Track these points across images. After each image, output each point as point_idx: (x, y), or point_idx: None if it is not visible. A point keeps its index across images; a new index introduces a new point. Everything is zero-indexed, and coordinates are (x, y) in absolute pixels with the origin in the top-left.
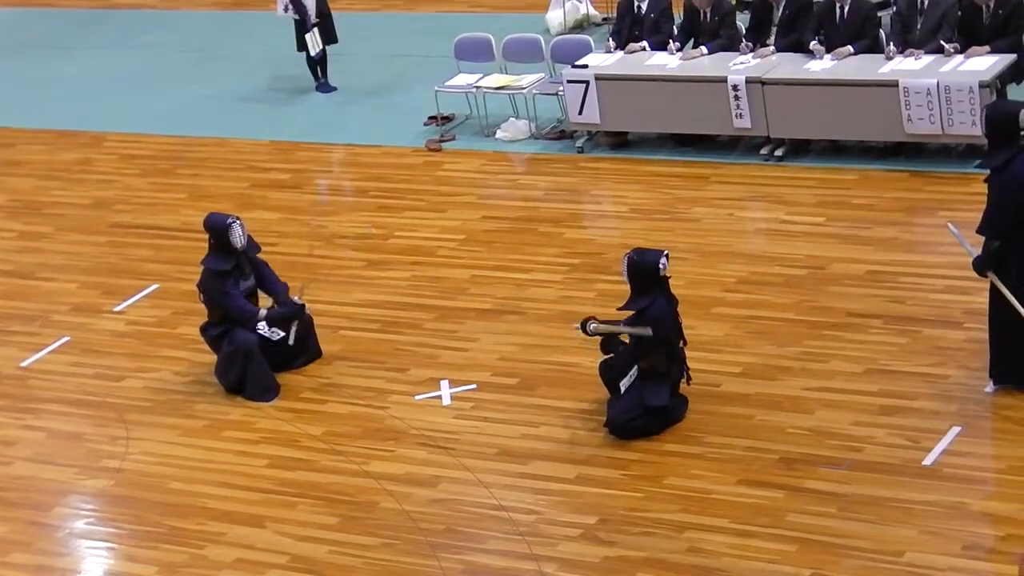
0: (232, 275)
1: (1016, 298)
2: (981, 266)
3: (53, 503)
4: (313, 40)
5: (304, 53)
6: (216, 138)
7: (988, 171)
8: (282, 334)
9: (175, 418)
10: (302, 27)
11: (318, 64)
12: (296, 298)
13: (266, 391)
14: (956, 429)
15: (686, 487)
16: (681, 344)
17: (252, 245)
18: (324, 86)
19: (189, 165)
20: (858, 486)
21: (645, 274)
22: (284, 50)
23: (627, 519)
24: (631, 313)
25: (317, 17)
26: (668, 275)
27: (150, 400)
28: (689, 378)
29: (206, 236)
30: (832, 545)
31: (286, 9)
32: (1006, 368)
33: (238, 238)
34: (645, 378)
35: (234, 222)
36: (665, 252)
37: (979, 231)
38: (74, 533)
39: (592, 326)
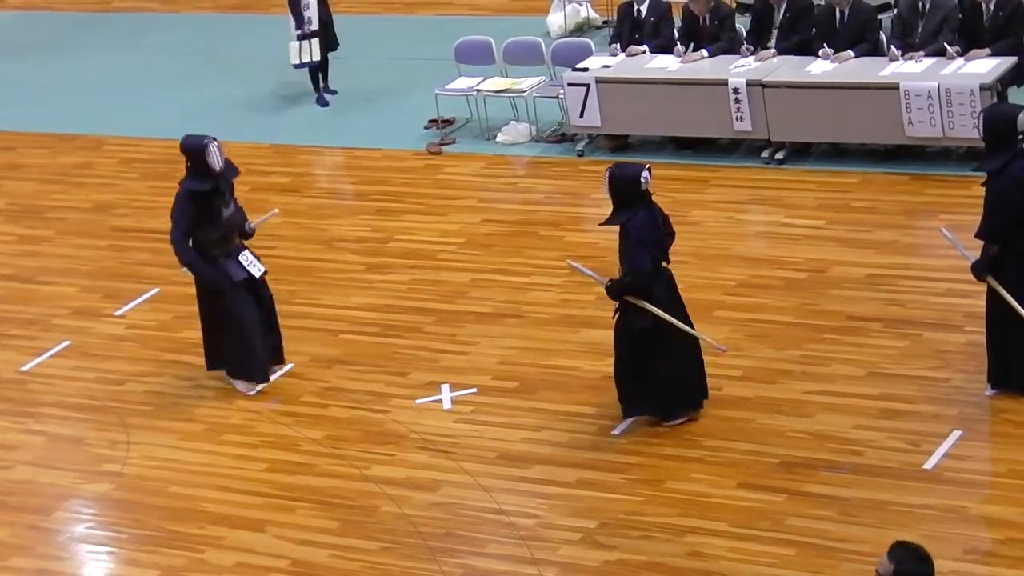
0: (212, 200)
1: (1016, 301)
2: (980, 270)
3: (53, 507)
4: (298, 50)
5: (308, 60)
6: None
7: (985, 175)
8: (263, 269)
9: (175, 422)
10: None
11: (318, 71)
12: (252, 224)
13: (254, 371)
14: (956, 433)
15: (686, 491)
16: (665, 264)
17: (231, 169)
18: (322, 98)
19: None
20: (858, 490)
21: (626, 188)
22: (284, 54)
23: (627, 523)
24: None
25: (319, 25)
26: (650, 190)
27: (150, 404)
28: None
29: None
30: (832, 549)
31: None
32: (1005, 372)
33: (215, 159)
34: (628, 305)
35: (211, 143)
36: (647, 166)
37: (978, 235)
38: (74, 537)
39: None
